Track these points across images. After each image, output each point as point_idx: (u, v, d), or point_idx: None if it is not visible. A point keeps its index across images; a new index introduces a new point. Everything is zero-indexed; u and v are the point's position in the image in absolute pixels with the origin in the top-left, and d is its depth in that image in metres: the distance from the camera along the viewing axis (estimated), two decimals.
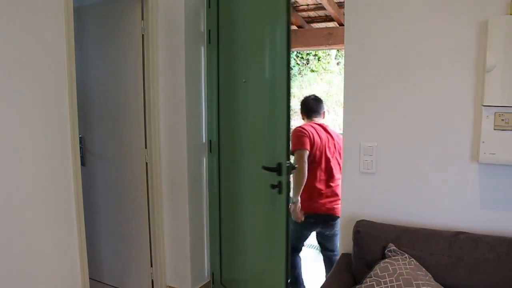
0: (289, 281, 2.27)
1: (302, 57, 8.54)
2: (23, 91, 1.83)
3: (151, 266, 2.74)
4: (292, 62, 8.55)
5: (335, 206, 2.69)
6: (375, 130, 1.90)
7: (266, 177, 2.21)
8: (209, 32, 2.61)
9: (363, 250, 1.76)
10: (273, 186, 2.17)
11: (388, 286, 1.49)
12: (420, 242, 1.68)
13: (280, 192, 2.17)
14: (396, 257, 1.62)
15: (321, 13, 4.47)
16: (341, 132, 2.05)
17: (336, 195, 2.71)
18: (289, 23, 2.13)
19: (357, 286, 1.60)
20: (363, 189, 1.96)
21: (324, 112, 2.92)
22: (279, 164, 2.14)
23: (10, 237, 1.81)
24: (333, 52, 8.37)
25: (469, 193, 1.76)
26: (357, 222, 1.83)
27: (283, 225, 2.20)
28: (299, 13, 4.51)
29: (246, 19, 2.40)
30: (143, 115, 2.60)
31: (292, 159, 2.57)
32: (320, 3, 4.17)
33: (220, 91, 2.61)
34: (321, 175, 2.73)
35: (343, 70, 2.03)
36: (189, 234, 2.67)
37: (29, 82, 1.85)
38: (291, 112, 2.20)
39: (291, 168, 2.23)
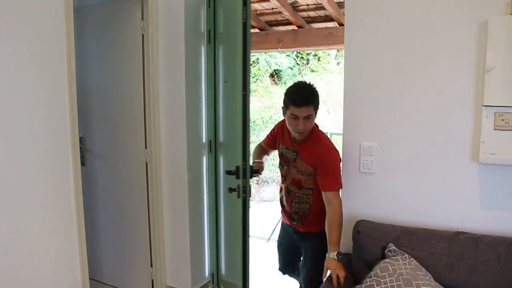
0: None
1: (302, 57, 8.54)
2: (23, 91, 1.83)
3: (151, 266, 2.74)
4: (292, 62, 8.54)
5: None
6: (375, 130, 1.90)
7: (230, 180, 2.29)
8: (209, 32, 2.61)
9: (363, 250, 1.76)
10: (230, 190, 2.25)
11: (388, 286, 1.49)
12: (420, 242, 1.68)
13: (238, 196, 2.24)
14: (396, 257, 1.62)
15: (321, 13, 4.46)
16: (341, 132, 2.05)
17: None
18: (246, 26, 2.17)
19: (357, 286, 1.60)
20: (363, 189, 1.96)
21: None
22: (238, 167, 2.21)
23: (10, 237, 1.81)
24: (333, 52, 8.35)
25: (469, 193, 1.76)
26: (357, 222, 1.83)
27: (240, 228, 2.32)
28: (299, 13, 4.51)
29: (225, 21, 2.50)
30: (143, 115, 2.60)
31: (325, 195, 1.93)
32: (320, 3, 4.17)
33: (216, 91, 2.63)
34: None
35: (343, 70, 2.03)
36: (189, 234, 2.67)
37: (29, 82, 1.85)
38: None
39: (251, 171, 2.22)
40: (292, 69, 8.56)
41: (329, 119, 8.32)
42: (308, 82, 1.99)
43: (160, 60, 2.59)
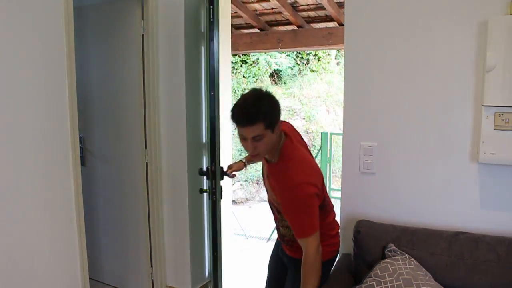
0: None
1: (302, 57, 8.54)
2: (23, 91, 1.83)
3: (151, 266, 2.74)
4: (292, 62, 8.54)
5: None
6: (375, 130, 1.90)
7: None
8: None
9: (363, 250, 1.76)
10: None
11: (388, 286, 1.49)
12: (420, 242, 1.68)
13: (209, 197, 2.37)
14: (396, 257, 1.62)
15: (321, 13, 4.47)
16: (341, 132, 2.05)
17: None
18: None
19: (357, 286, 1.60)
20: (363, 189, 1.96)
21: None
22: (207, 169, 2.35)
23: (10, 237, 1.81)
24: (333, 52, 8.36)
25: (469, 193, 1.76)
26: (357, 222, 1.83)
27: None
28: (299, 13, 4.51)
29: None
30: (143, 115, 2.60)
31: (302, 241, 1.54)
32: (320, 3, 4.17)
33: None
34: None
35: (343, 70, 2.03)
36: (189, 234, 2.67)
37: (29, 82, 1.85)
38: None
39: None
40: (292, 69, 8.57)
41: (329, 119, 8.32)
42: (258, 91, 1.49)
43: (160, 60, 2.59)
